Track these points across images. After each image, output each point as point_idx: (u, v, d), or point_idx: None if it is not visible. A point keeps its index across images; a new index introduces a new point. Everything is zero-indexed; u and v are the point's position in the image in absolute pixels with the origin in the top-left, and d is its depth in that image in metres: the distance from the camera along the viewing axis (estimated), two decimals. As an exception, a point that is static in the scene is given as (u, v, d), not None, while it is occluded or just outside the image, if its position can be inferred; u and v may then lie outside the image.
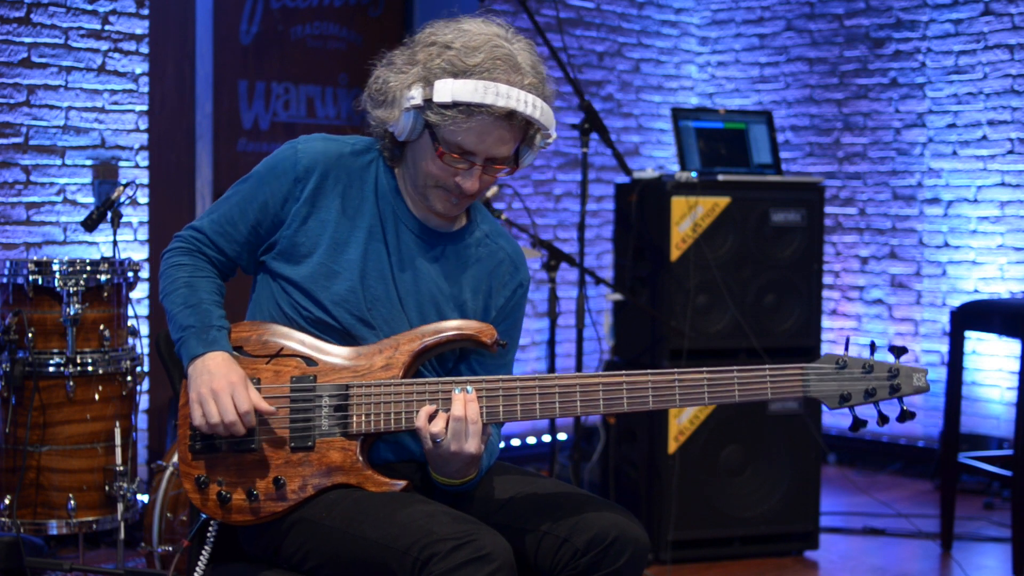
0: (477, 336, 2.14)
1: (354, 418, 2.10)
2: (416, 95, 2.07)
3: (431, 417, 2.05)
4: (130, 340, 3.66)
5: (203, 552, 2.16)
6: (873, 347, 2.08)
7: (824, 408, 4.50)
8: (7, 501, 3.46)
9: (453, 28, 2.11)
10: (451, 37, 2.09)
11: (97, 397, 3.53)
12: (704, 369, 2.07)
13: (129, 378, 3.59)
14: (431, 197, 2.15)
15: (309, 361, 2.14)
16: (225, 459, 2.12)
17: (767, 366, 2.07)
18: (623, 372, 2.08)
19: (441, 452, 2.05)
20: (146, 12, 4.46)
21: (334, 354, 2.14)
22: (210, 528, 2.17)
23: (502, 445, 5.60)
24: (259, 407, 2.07)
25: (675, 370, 2.08)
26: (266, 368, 2.14)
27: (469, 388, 2.06)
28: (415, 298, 2.18)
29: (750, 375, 2.06)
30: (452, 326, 2.15)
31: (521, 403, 2.07)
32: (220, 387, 2.06)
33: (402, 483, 2.10)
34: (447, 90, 2.04)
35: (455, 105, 2.04)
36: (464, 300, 2.22)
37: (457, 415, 2.03)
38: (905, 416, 2.06)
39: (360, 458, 2.10)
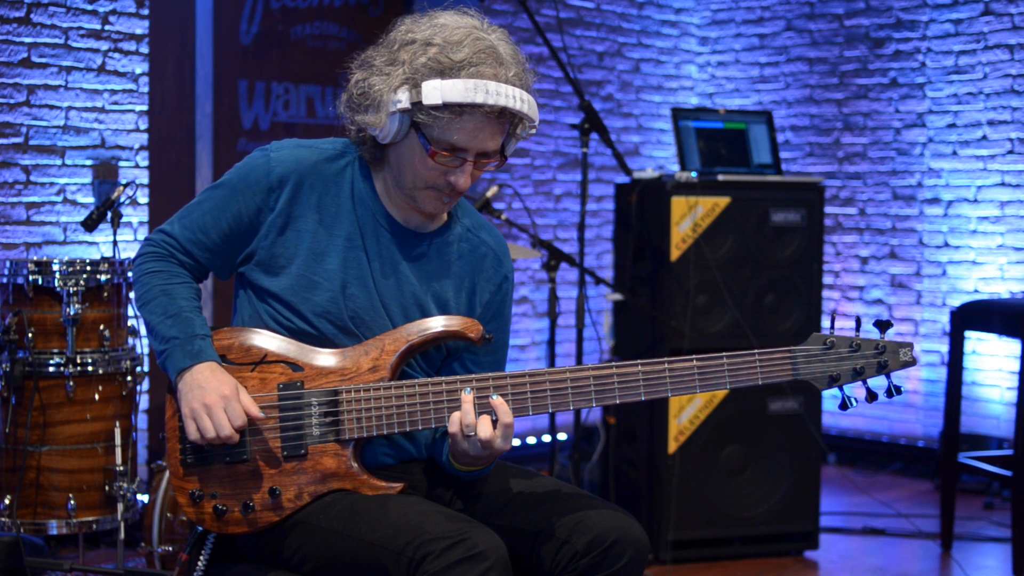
0: (463, 332, 2.12)
1: (346, 423, 2.08)
2: (403, 98, 2.02)
3: (465, 423, 2.03)
4: (130, 340, 3.66)
5: (200, 560, 2.15)
6: (859, 323, 2.08)
7: (824, 408, 4.52)
8: (7, 501, 3.46)
9: (429, 23, 2.06)
10: (430, 33, 2.04)
11: (97, 397, 3.54)
12: (694, 357, 2.06)
13: (129, 378, 3.59)
14: (420, 199, 2.11)
15: (294, 366, 2.11)
16: (218, 471, 2.10)
17: (756, 351, 2.06)
18: (613, 364, 2.06)
19: (489, 453, 2.05)
20: (146, 12, 4.46)
21: (320, 357, 2.12)
22: (207, 540, 2.16)
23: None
24: (250, 412, 2.06)
25: (665, 359, 2.06)
26: (251, 376, 2.11)
27: (468, 389, 2.05)
28: (398, 301, 2.16)
29: (739, 361, 2.05)
30: (437, 323, 2.13)
31: (513, 400, 2.06)
32: (212, 401, 2.04)
33: (398, 486, 2.09)
34: (436, 92, 1.99)
35: (445, 107, 2.00)
36: (447, 299, 2.19)
37: (507, 422, 2.03)
38: (893, 392, 2.06)
39: (354, 464, 2.09)
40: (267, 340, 2.13)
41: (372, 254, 2.15)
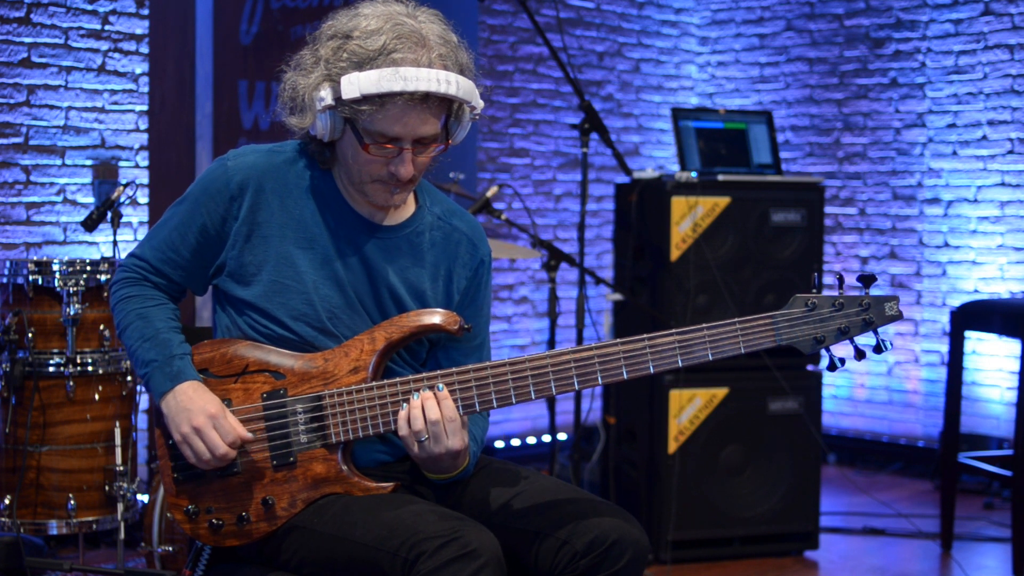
0: (441, 326, 2.10)
1: (331, 428, 2.08)
2: (325, 95, 2.02)
3: (409, 421, 2.02)
4: (130, 340, 3.66)
5: (197, 573, 2.16)
6: (841, 280, 2.04)
7: (824, 408, 4.52)
8: (7, 501, 3.46)
9: (351, 15, 2.05)
10: (351, 25, 2.03)
11: (97, 397, 3.54)
12: (674, 331, 2.03)
13: (129, 378, 3.60)
14: (370, 192, 2.10)
15: (276, 374, 2.10)
16: (210, 486, 2.10)
17: (736, 319, 2.02)
18: (593, 346, 2.03)
19: (428, 454, 2.04)
20: (146, 12, 4.46)
21: (301, 362, 2.11)
22: (204, 552, 2.17)
23: (502, 445, 5.61)
24: (239, 435, 2.06)
25: (645, 336, 2.03)
26: (235, 387, 2.11)
27: (440, 386, 2.04)
28: (373, 298, 2.15)
29: (720, 331, 2.02)
30: (415, 319, 2.11)
31: (495, 390, 2.05)
32: (201, 423, 2.04)
33: (389, 486, 2.09)
34: (353, 85, 1.98)
35: (365, 99, 1.98)
36: (423, 290, 2.18)
37: (433, 418, 2.01)
38: (882, 348, 2.02)
39: (344, 467, 2.08)
40: (248, 349, 2.12)
41: (341, 252, 2.14)
